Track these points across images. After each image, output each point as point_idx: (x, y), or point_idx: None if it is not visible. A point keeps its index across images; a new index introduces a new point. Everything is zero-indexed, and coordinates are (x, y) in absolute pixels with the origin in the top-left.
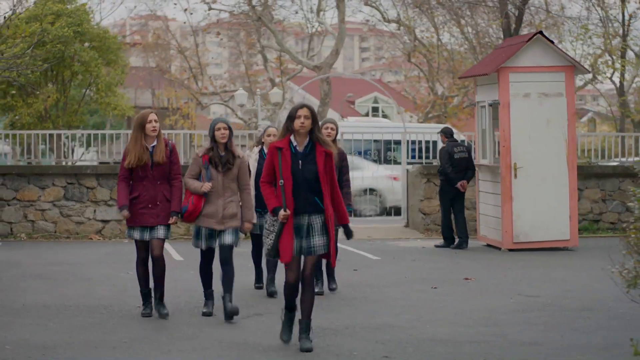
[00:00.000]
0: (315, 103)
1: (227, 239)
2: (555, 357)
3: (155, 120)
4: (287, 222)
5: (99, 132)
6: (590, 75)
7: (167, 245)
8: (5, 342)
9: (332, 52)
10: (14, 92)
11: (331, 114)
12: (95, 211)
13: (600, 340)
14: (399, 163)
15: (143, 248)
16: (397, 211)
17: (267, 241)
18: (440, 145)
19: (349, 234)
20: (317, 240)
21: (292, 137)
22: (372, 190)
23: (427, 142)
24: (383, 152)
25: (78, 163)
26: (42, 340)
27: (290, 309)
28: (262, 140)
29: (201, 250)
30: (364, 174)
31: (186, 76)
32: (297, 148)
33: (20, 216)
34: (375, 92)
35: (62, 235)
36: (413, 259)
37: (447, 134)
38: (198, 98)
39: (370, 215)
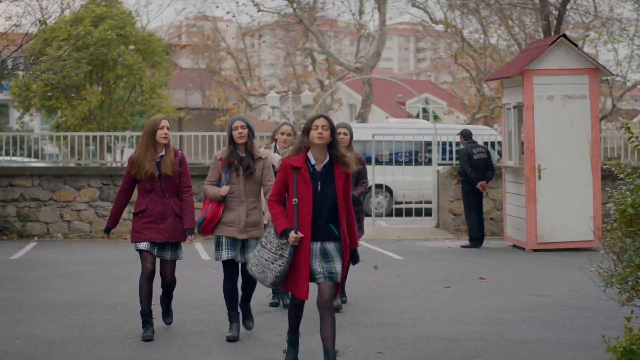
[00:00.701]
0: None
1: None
2: (543, 355)
3: (167, 127)
4: (303, 247)
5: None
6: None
7: (196, 246)
8: (17, 337)
9: (374, 54)
10: (50, 94)
11: (380, 114)
12: (129, 212)
13: (593, 339)
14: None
15: (150, 260)
16: (428, 212)
17: (273, 268)
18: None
19: (355, 259)
20: (337, 266)
21: (309, 154)
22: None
23: (458, 143)
24: (413, 154)
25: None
26: (52, 336)
27: (295, 331)
28: (276, 137)
29: (224, 263)
30: None
31: (235, 77)
32: (315, 167)
33: (57, 216)
34: (426, 93)
35: (98, 235)
36: (437, 259)
37: (466, 136)
38: (247, 99)
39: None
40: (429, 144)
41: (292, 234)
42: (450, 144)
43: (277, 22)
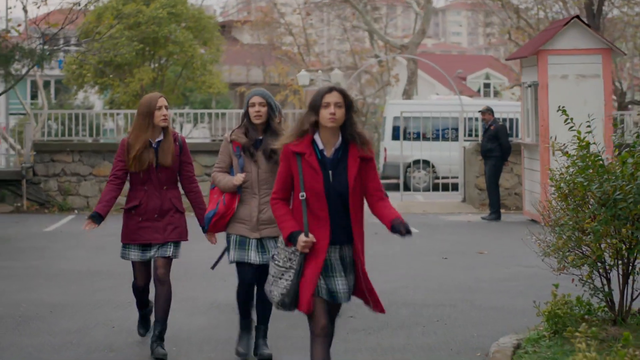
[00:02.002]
0: (426, 79)
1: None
2: (503, 320)
3: (166, 107)
4: (314, 254)
5: (205, 110)
6: None
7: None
8: (24, 301)
9: (419, 32)
10: (102, 71)
11: (441, 89)
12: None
13: None
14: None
15: (144, 272)
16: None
17: (280, 284)
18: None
19: (401, 225)
20: (349, 281)
21: (315, 136)
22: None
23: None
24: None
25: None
26: (56, 300)
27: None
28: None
29: (236, 265)
30: None
31: (293, 53)
32: (325, 152)
33: (96, 190)
34: (487, 68)
35: None
36: (449, 232)
37: (493, 112)
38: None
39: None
40: (469, 119)
41: (302, 238)
42: (477, 120)
43: (324, 1)
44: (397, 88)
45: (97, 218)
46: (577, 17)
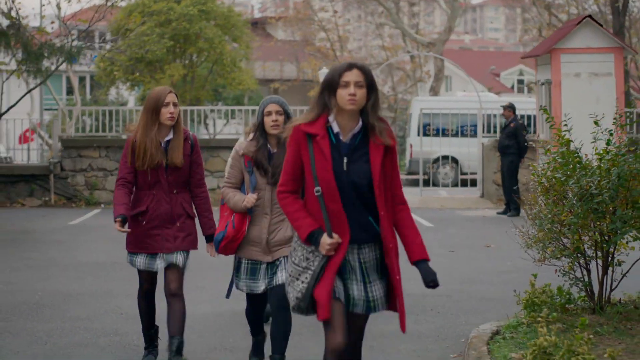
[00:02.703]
0: (460, 75)
1: (284, 276)
2: (495, 310)
3: (174, 104)
4: (335, 257)
5: (236, 107)
6: None
7: None
8: (41, 289)
9: (445, 29)
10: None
11: (475, 86)
12: None
13: None
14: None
15: (149, 280)
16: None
17: (296, 286)
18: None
19: (429, 276)
20: (375, 289)
21: (330, 118)
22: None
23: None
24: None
25: (217, 136)
26: (71, 289)
27: None
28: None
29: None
30: None
31: (326, 49)
32: (340, 136)
33: None
34: (521, 65)
35: None
36: (462, 227)
37: (514, 109)
38: None
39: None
40: (493, 116)
41: (325, 239)
42: (495, 116)
43: None
44: (428, 84)
45: (125, 218)
46: (590, 16)
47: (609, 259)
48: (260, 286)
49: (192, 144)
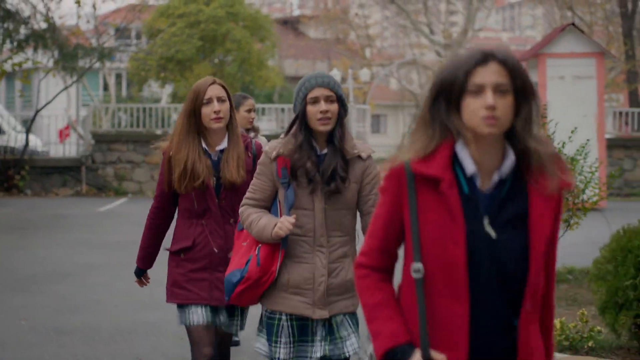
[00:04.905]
0: None
1: (350, 344)
2: None
3: (221, 98)
4: None
5: (265, 105)
6: None
7: None
8: (54, 260)
9: (462, 32)
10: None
11: None
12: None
13: None
14: None
15: (207, 340)
16: None
17: None
18: None
19: None
20: None
21: (458, 147)
22: None
23: None
24: None
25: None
26: (83, 262)
27: None
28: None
29: None
30: None
31: (356, 47)
32: (476, 181)
33: (148, 176)
34: None
35: None
36: None
37: None
38: (370, 69)
39: None
40: None
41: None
42: None
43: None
44: None
45: (140, 272)
46: (573, 24)
47: None
48: (317, 352)
49: (255, 155)
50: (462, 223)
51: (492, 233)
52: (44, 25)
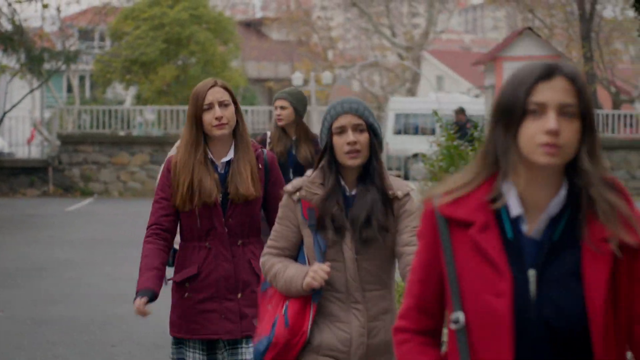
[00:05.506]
0: (448, 74)
1: None
2: None
3: (223, 103)
4: None
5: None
6: None
7: None
8: (32, 256)
9: (422, 34)
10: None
11: (464, 85)
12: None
13: None
14: None
15: None
16: None
17: None
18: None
19: None
20: None
21: (505, 186)
22: None
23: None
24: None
25: None
26: (59, 258)
27: None
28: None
29: None
30: None
31: (318, 49)
32: (523, 225)
33: (114, 177)
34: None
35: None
36: None
37: (465, 112)
38: (333, 72)
39: None
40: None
41: None
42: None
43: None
44: (420, 85)
45: (149, 294)
46: (530, 28)
47: None
48: None
49: (267, 166)
50: (507, 272)
51: (535, 289)
52: (9, 28)
